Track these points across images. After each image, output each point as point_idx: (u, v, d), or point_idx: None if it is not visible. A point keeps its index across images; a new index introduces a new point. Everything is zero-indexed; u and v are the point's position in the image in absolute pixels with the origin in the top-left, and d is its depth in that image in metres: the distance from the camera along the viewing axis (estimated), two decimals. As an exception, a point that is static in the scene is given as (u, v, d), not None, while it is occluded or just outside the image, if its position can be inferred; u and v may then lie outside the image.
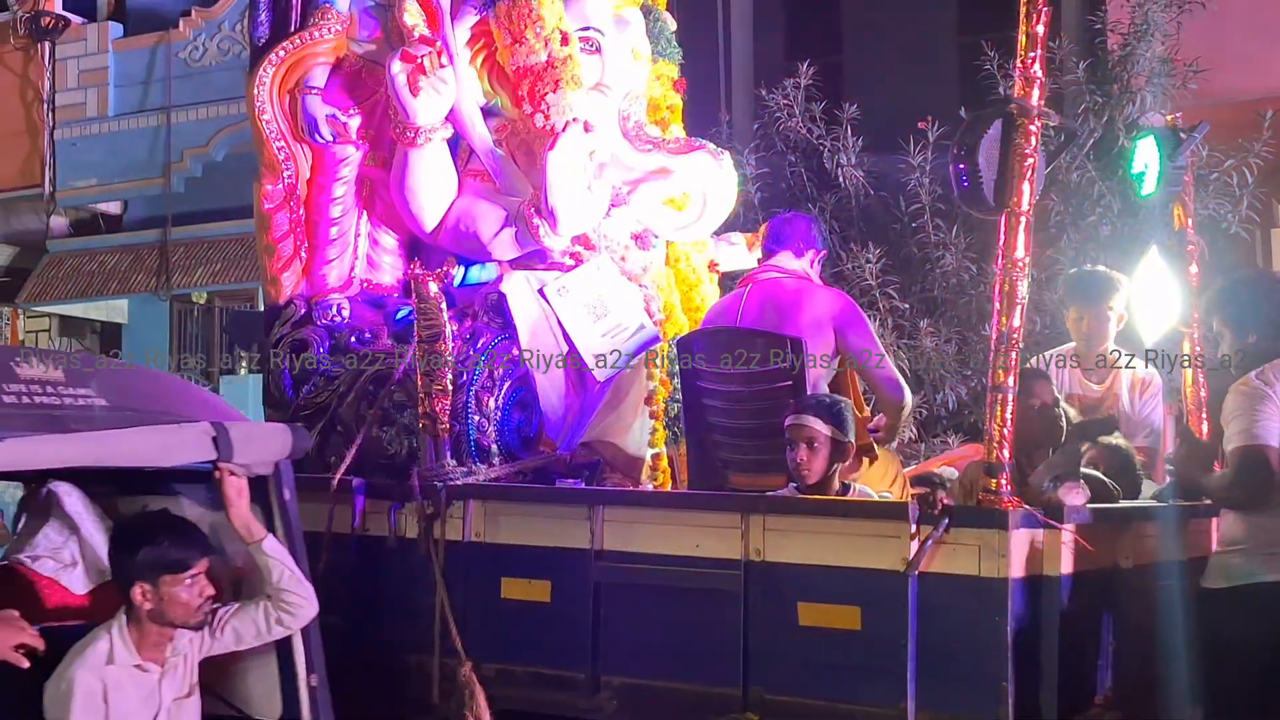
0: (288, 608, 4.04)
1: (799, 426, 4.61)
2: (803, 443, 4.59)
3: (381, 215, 5.87)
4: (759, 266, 5.57)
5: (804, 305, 5.32)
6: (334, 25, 5.75)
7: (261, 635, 4.06)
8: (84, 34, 14.15)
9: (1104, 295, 5.56)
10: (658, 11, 6.29)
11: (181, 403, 4.10)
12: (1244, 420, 4.22)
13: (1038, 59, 4.08)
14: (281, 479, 4.21)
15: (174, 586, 3.88)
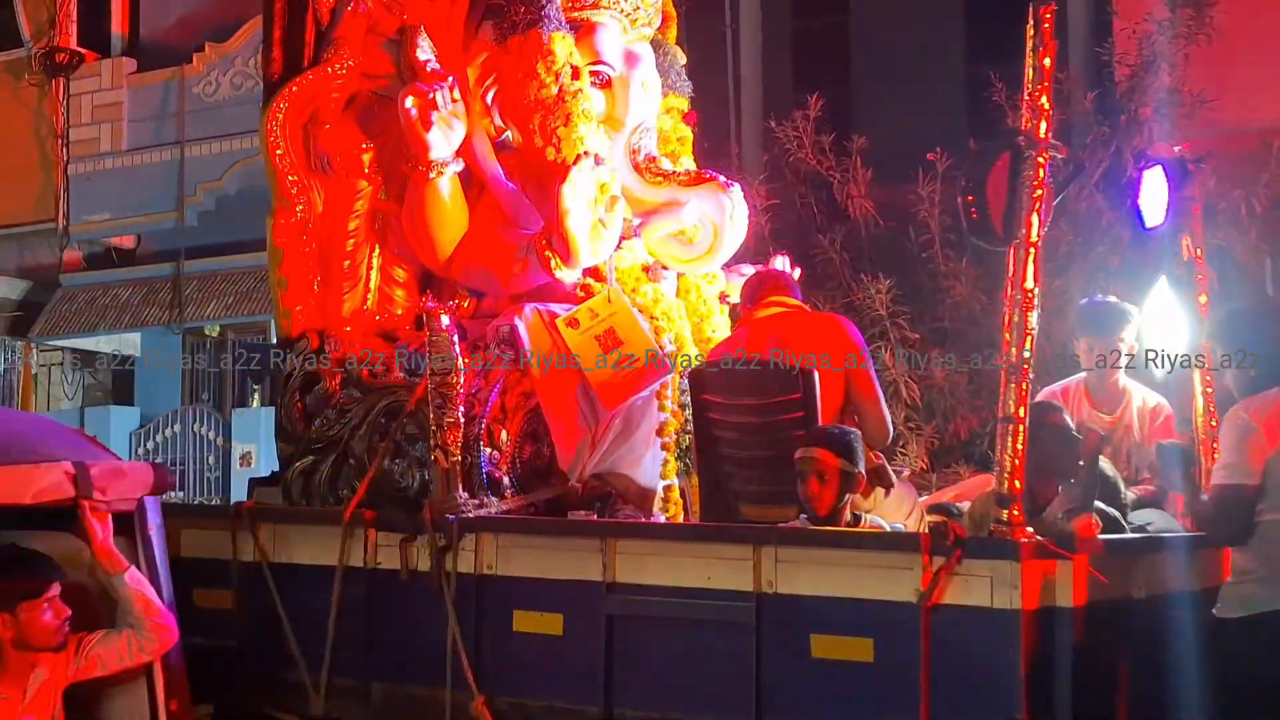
0: (149, 635, 4.35)
1: (809, 459, 4.62)
2: (813, 475, 4.60)
3: (394, 248, 5.89)
4: (756, 306, 5.53)
5: (812, 335, 5.34)
6: (347, 60, 5.80)
7: (124, 661, 4.35)
8: (98, 69, 14.25)
9: (1115, 327, 5.57)
10: (667, 45, 6.32)
11: (45, 443, 4.45)
12: (1227, 455, 4.27)
13: (1044, 91, 4.10)
14: (146, 514, 4.58)
15: (32, 612, 4.16)
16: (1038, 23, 4.10)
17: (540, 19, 5.59)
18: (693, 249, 5.92)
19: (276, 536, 5.38)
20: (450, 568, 4.88)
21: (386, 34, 5.85)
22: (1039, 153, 4.10)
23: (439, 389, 5.01)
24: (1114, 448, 5.48)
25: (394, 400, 5.49)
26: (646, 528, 5.12)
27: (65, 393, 15.00)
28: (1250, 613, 4.20)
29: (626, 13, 5.91)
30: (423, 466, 5.25)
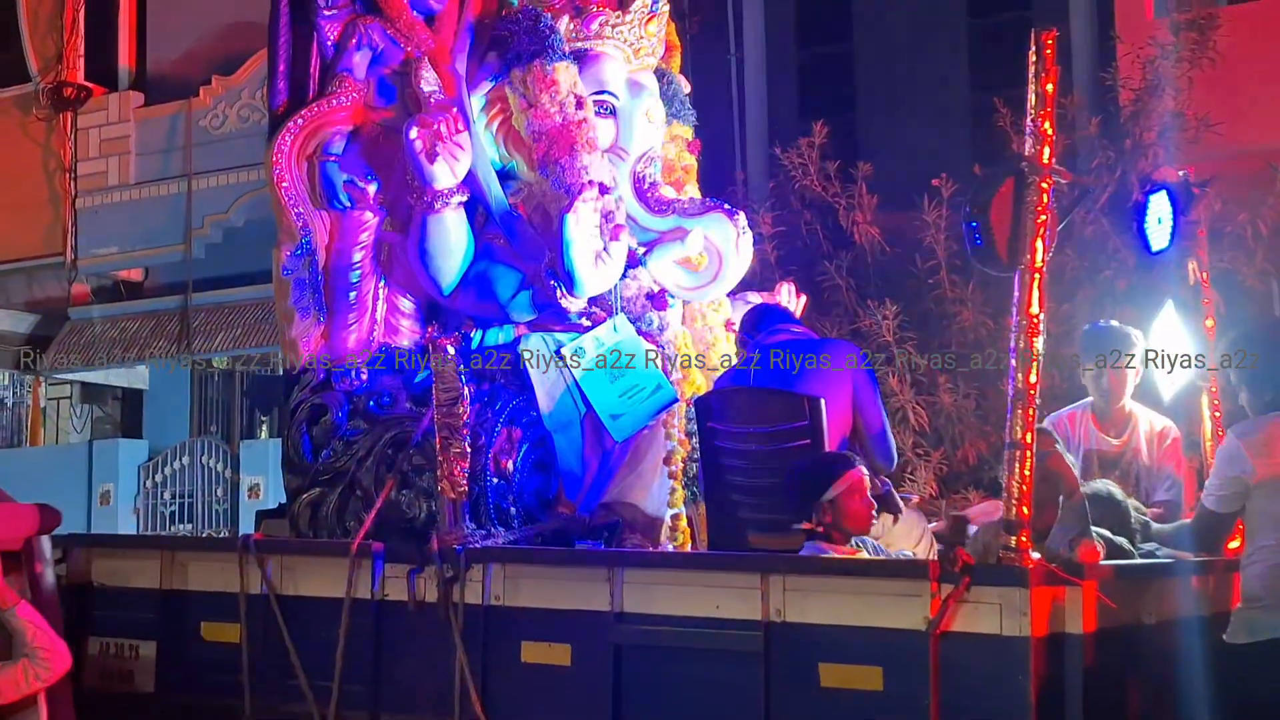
0: (43, 663, 4.65)
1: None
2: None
3: (399, 279, 5.91)
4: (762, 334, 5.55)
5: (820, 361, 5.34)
6: (351, 93, 5.83)
7: (21, 690, 4.63)
8: (106, 103, 14.30)
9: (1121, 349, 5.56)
10: (672, 75, 6.34)
11: None
12: (1213, 480, 4.45)
13: (1048, 117, 4.11)
14: (34, 552, 5.02)
15: None
16: (1039, 49, 4.11)
17: (544, 50, 5.62)
18: (698, 276, 5.93)
19: (284, 569, 5.37)
20: (458, 599, 4.86)
21: (391, 66, 5.88)
22: (1042, 178, 4.10)
23: (445, 419, 5.01)
24: (1122, 471, 5.47)
25: (400, 431, 5.49)
26: (654, 557, 5.11)
27: (74, 426, 15.02)
28: (1257, 639, 4.21)
29: (630, 42, 5.93)
30: (430, 497, 5.25)
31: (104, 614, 5.74)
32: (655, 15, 5.96)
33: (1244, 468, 4.34)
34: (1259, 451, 4.34)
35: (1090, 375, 5.65)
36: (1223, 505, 4.44)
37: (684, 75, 6.52)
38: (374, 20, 5.88)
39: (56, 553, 5.85)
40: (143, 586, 5.64)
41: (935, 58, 11.24)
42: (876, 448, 5.19)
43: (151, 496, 13.48)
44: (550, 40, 5.64)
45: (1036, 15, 10.45)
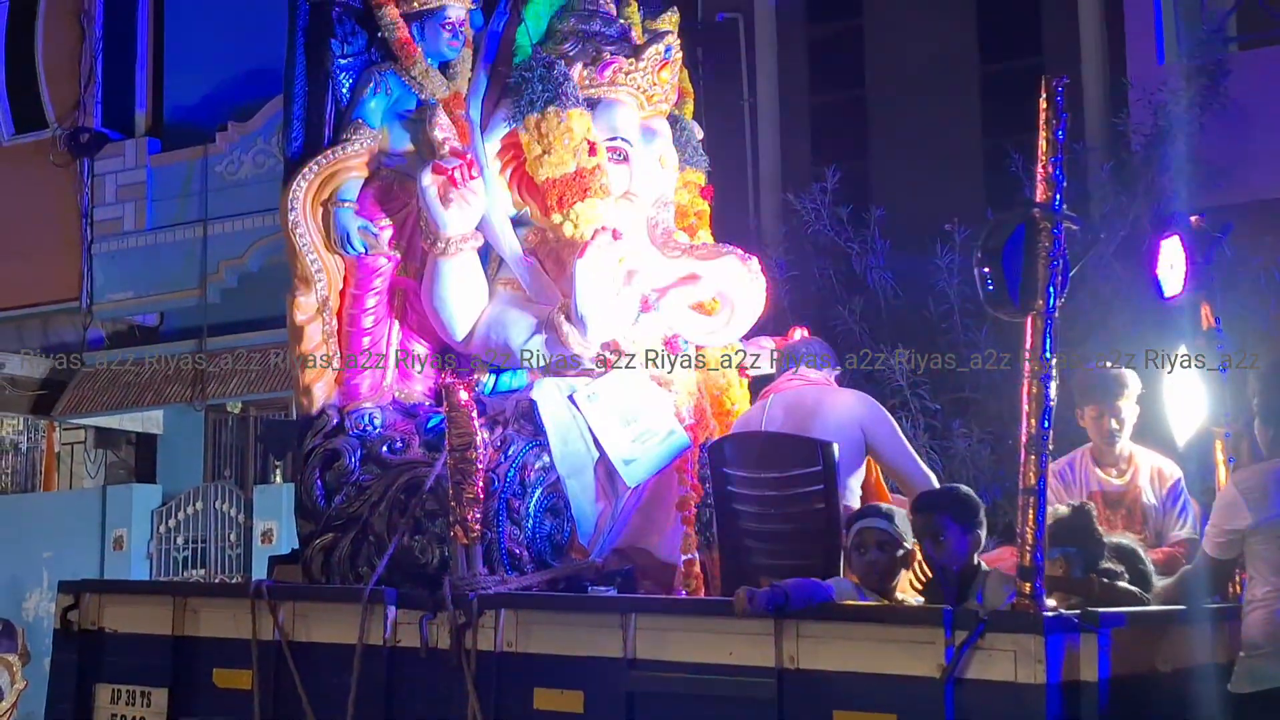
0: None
1: (871, 529, 4.63)
2: (874, 545, 4.61)
3: (413, 325, 5.93)
4: (779, 379, 5.62)
5: (829, 408, 5.37)
6: (366, 140, 5.87)
7: None
8: (122, 149, 14.40)
9: (1116, 391, 5.56)
10: (684, 120, 6.37)
11: None
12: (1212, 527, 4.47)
13: (1059, 164, 4.12)
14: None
15: None
16: (1050, 95, 4.13)
17: (558, 96, 5.65)
18: (711, 322, 5.93)
19: (296, 615, 5.36)
20: (470, 645, 4.85)
21: (406, 113, 5.92)
22: (1054, 224, 4.11)
23: (458, 464, 5.02)
24: (1127, 509, 5.46)
25: (413, 476, 5.49)
26: (668, 603, 5.10)
27: (88, 471, 15.03)
28: (1260, 688, 4.20)
29: (643, 89, 5.96)
30: (442, 543, 5.24)
31: (116, 660, 5.74)
32: (668, 62, 6.00)
33: (1243, 518, 4.35)
34: (1257, 502, 4.35)
35: (1089, 418, 5.64)
36: (1222, 552, 4.45)
37: (697, 121, 6.55)
38: (389, 67, 5.93)
39: (69, 599, 5.87)
40: (155, 633, 5.63)
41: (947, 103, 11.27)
42: (912, 480, 5.21)
43: (165, 542, 13.47)
44: (564, 87, 5.67)
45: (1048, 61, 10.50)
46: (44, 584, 13.08)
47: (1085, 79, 10.12)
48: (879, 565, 4.60)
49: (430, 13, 5.95)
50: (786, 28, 11.99)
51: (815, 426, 5.23)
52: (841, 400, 5.48)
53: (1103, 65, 10.20)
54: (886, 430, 5.36)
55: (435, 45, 5.98)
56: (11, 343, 14.66)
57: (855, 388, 6.08)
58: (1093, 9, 10.55)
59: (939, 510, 4.59)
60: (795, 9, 12.07)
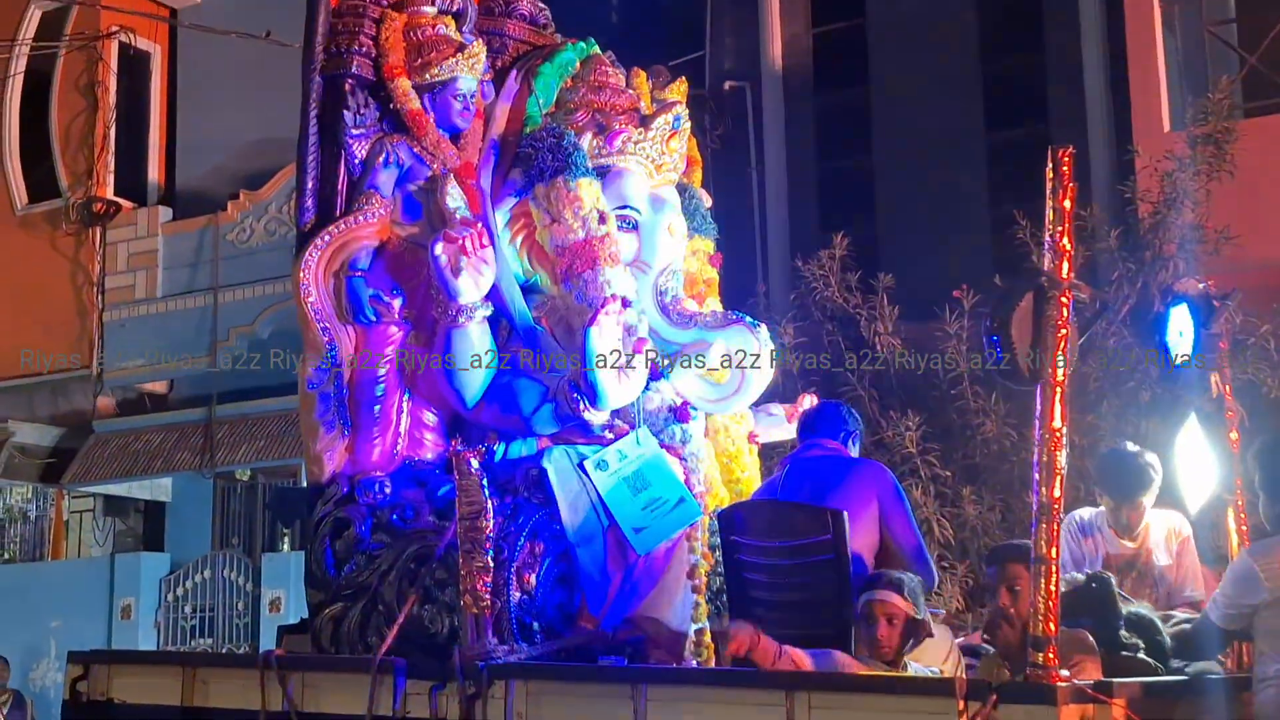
0: None
1: (880, 602, 4.63)
2: (883, 618, 4.60)
3: (423, 393, 5.93)
4: (797, 447, 5.64)
5: (846, 478, 5.38)
6: (378, 210, 5.91)
7: None
8: (134, 218, 14.51)
9: (1136, 490, 5.55)
10: (693, 189, 6.41)
11: None
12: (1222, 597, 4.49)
13: (1066, 232, 4.14)
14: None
15: None
16: (1056, 165, 4.15)
17: (567, 166, 5.69)
18: (721, 389, 5.93)
19: (305, 685, 5.33)
20: (480, 715, 4.82)
21: (417, 183, 5.97)
22: (1062, 293, 4.12)
23: (468, 533, 5.01)
24: (1139, 573, 5.44)
25: (423, 545, 5.48)
26: (678, 673, 5.07)
27: (96, 539, 15.01)
28: None
29: (652, 159, 6.00)
30: (452, 612, 5.22)
31: (124, 731, 5.71)
32: (677, 132, 6.05)
33: (1257, 593, 4.34)
34: (1273, 575, 4.34)
35: (1109, 509, 5.64)
36: (1230, 624, 4.44)
37: (705, 189, 6.59)
38: (401, 138, 5.99)
39: (78, 669, 5.85)
40: (164, 703, 5.60)
41: (954, 170, 11.35)
42: (912, 568, 5.19)
43: (173, 610, 13.43)
44: (573, 157, 5.72)
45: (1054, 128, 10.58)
46: (52, 653, 13.06)
47: (1092, 146, 10.19)
48: (887, 639, 4.58)
49: (442, 85, 6.01)
50: (794, 96, 12.10)
51: (831, 496, 5.23)
52: (859, 469, 5.49)
53: (1109, 133, 10.27)
54: (898, 508, 5.37)
55: (446, 116, 6.03)
56: (22, 410, 14.70)
57: (864, 454, 6.08)
58: (1098, 77, 10.64)
59: (1014, 560, 4.58)
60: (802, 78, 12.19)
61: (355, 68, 6.01)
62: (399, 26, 6.06)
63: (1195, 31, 9.88)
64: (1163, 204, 8.76)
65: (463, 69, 6.02)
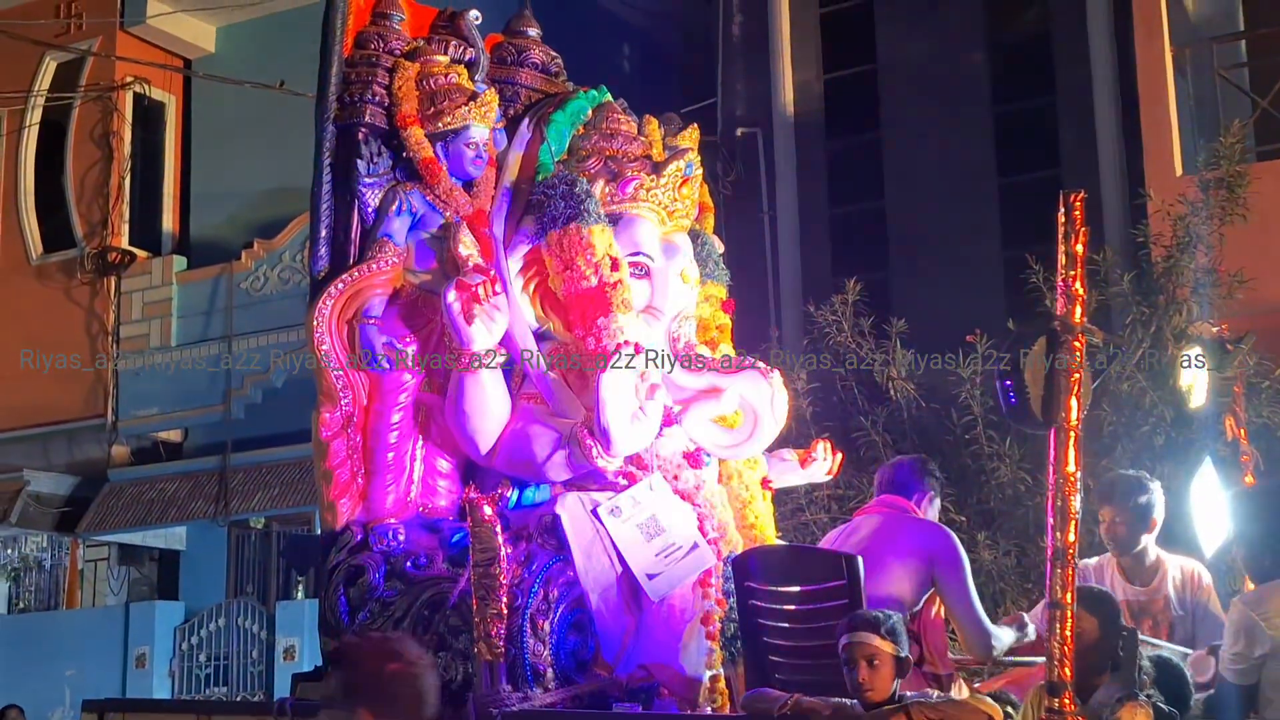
0: None
1: (857, 644, 4.55)
2: (862, 660, 4.53)
3: (437, 440, 5.93)
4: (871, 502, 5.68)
5: (901, 535, 5.43)
6: (391, 258, 5.93)
7: None
8: (149, 267, 14.58)
9: (1129, 494, 5.52)
10: (705, 235, 6.43)
11: None
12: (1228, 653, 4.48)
13: (1079, 277, 4.15)
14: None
15: None
16: (1068, 210, 4.16)
17: (579, 213, 5.71)
18: (734, 435, 5.93)
19: (319, 733, 5.31)
20: (494, 763, 4.80)
21: (430, 230, 5.99)
22: (1075, 337, 4.13)
23: (482, 580, 5.00)
24: (1154, 621, 5.40)
25: (437, 592, 5.47)
26: (693, 720, 5.04)
27: (111, 588, 15.01)
28: None
29: (664, 205, 6.02)
30: (466, 659, 5.21)
31: (138, 779, 5.69)
32: (689, 179, 6.07)
33: (1262, 643, 4.33)
34: (1273, 621, 4.34)
35: (1104, 525, 5.61)
36: (1242, 679, 4.42)
37: (718, 235, 6.61)
38: (414, 187, 6.02)
39: (92, 717, 5.83)
40: (178, 751, 5.60)
41: (967, 214, 11.37)
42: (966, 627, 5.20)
43: (187, 659, 13.41)
44: (586, 204, 5.74)
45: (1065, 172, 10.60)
46: (66, 702, 13.03)
47: (1104, 190, 10.21)
48: (869, 681, 4.51)
49: (455, 133, 6.05)
50: (806, 142, 12.15)
51: (886, 551, 5.26)
52: (919, 529, 5.50)
53: (1121, 176, 10.28)
54: (956, 571, 5.37)
55: (459, 164, 6.07)
56: (37, 459, 14.73)
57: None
58: (1109, 120, 10.67)
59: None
60: (814, 123, 12.24)
61: (368, 116, 6.05)
62: (412, 75, 6.10)
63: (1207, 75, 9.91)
64: (1175, 248, 8.75)
65: (475, 117, 6.06)
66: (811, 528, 8.24)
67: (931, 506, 5.73)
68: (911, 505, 5.64)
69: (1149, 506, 5.46)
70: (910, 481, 5.72)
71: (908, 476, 5.75)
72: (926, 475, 5.77)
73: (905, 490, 5.69)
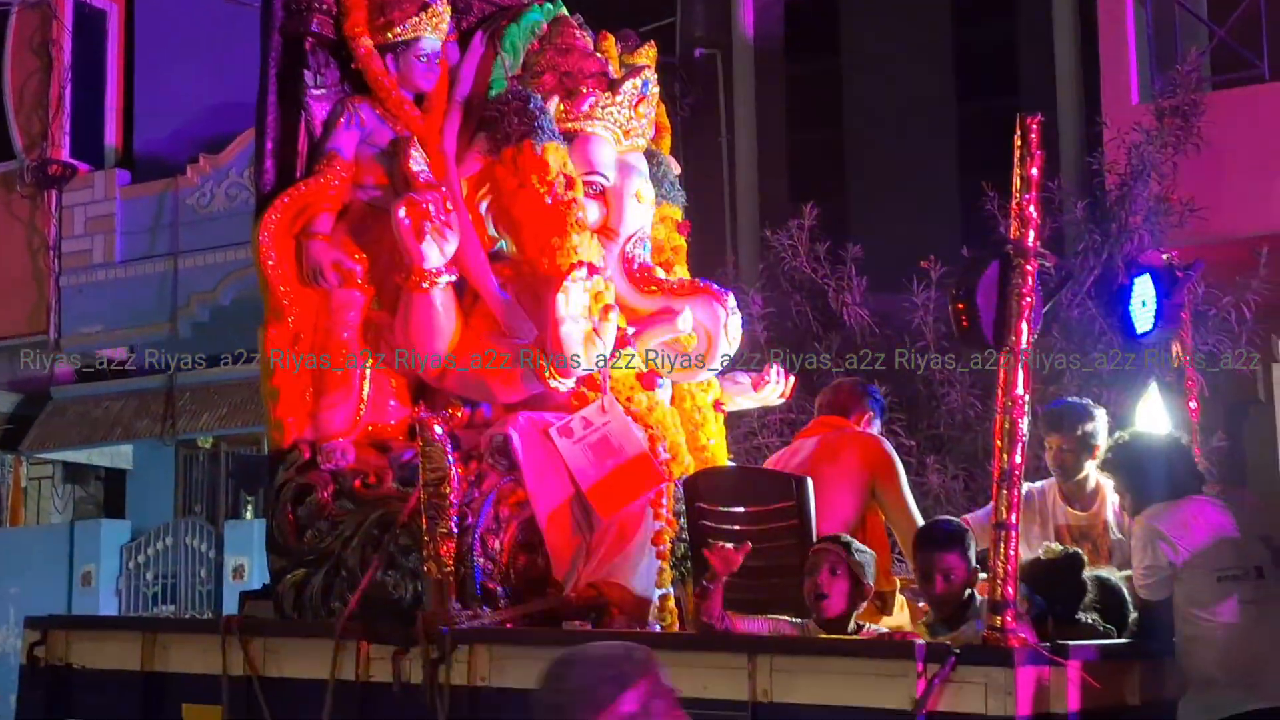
0: None
1: (824, 551, 4.66)
2: (825, 566, 4.60)
3: (387, 359, 5.89)
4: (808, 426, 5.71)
5: (840, 451, 5.48)
6: (340, 172, 5.85)
7: None
8: (91, 181, 14.33)
9: (1075, 423, 5.57)
10: (661, 156, 6.37)
11: None
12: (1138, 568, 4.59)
13: (1032, 201, 4.15)
14: None
15: None
16: (1025, 133, 4.16)
17: (534, 130, 5.63)
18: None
19: (267, 650, 5.31)
20: (443, 680, 4.81)
21: (380, 145, 5.90)
22: (1027, 261, 4.13)
23: (432, 500, 4.98)
24: (1094, 544, 5.47)
25: (387, 511, 5.45)
26: (642, 637, 5.05)
27: (56, 506, 14.91)
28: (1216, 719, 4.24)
29: (620, 124, 5.96)
30: (416, 578, 5.20)
31: (83, 696, 5.68)
32: (645, 97, 6.00)
33: (1165, 554, 4.42)
34: (1179, 537, 4.45)
35: (1052, 450, 5.67)
36: (1153, 592, 4.51)
37: (674, 157, 6.55)
38: (363, 100, 5.92)
39: (35, 635, 5.80)
40: (123, 669, 5.57)
41: (924, 141, 11.34)
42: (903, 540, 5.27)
43: (134, 578, 13.35)
44: (540, 121, 5.66)
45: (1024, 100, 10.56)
46: (10, 619, 12.95)
47: (1061, 119, 10.20)
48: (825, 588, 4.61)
49: (405, 44, 5.94)
50: (765, 65, 12.05)
51: (828, 469, 5.30)
52: (856, 442, 5.53)
53: (1078, 105, 10.27)
54: (893, 479, 5.46)
55: (410, 77, 5.97)
56: (-21, 376, 14.56)
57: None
58: (1068, 49, 10.63)
59: (948, 550, 4.60)
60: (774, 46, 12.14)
61: (315, 26, 5.93)
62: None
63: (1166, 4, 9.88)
64: (1129, 176, 8.79)
65: (426, 28, 5.96)
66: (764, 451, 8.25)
67: (870, 427, 5.77)
68: (850, 425, 5.68)
69: (1094, 434, 5.51)
70: (849, 402, 5.79)
71: (847, 398, 5.83)
72: (865, 396, 5.83)
73: (844, 411, 5.75)
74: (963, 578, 4.62)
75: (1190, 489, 4.73)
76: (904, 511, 5.44)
